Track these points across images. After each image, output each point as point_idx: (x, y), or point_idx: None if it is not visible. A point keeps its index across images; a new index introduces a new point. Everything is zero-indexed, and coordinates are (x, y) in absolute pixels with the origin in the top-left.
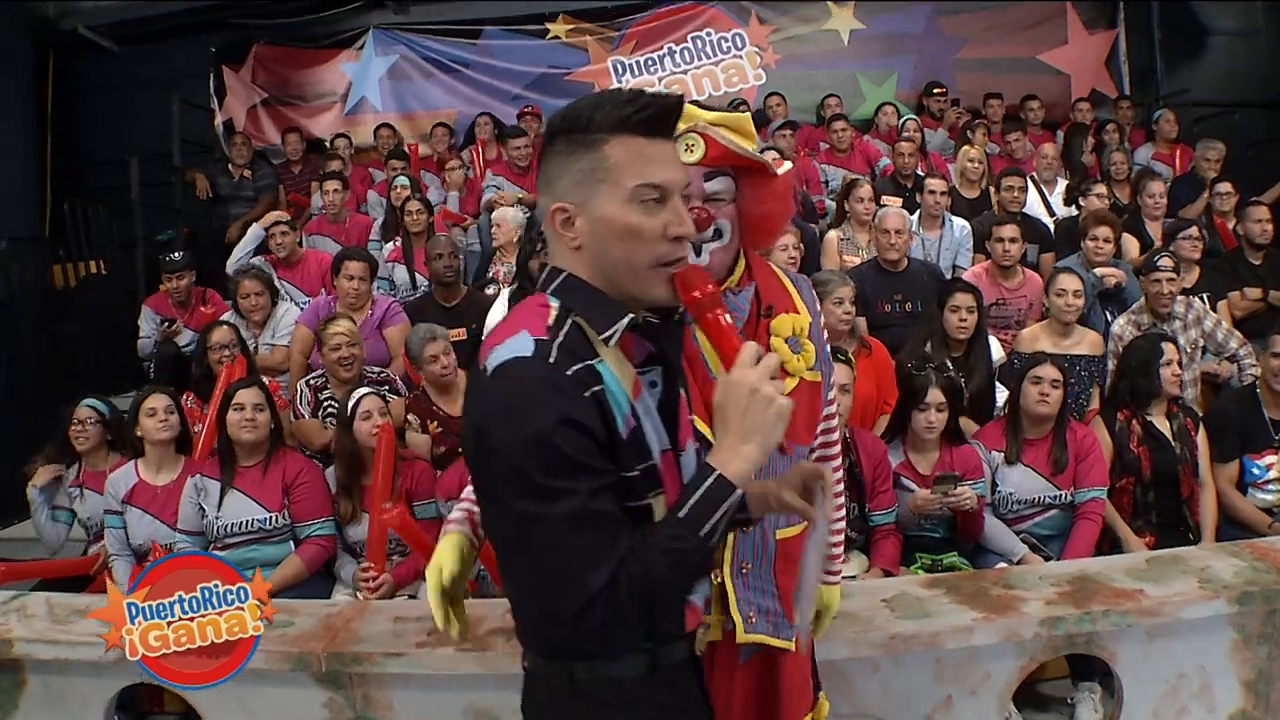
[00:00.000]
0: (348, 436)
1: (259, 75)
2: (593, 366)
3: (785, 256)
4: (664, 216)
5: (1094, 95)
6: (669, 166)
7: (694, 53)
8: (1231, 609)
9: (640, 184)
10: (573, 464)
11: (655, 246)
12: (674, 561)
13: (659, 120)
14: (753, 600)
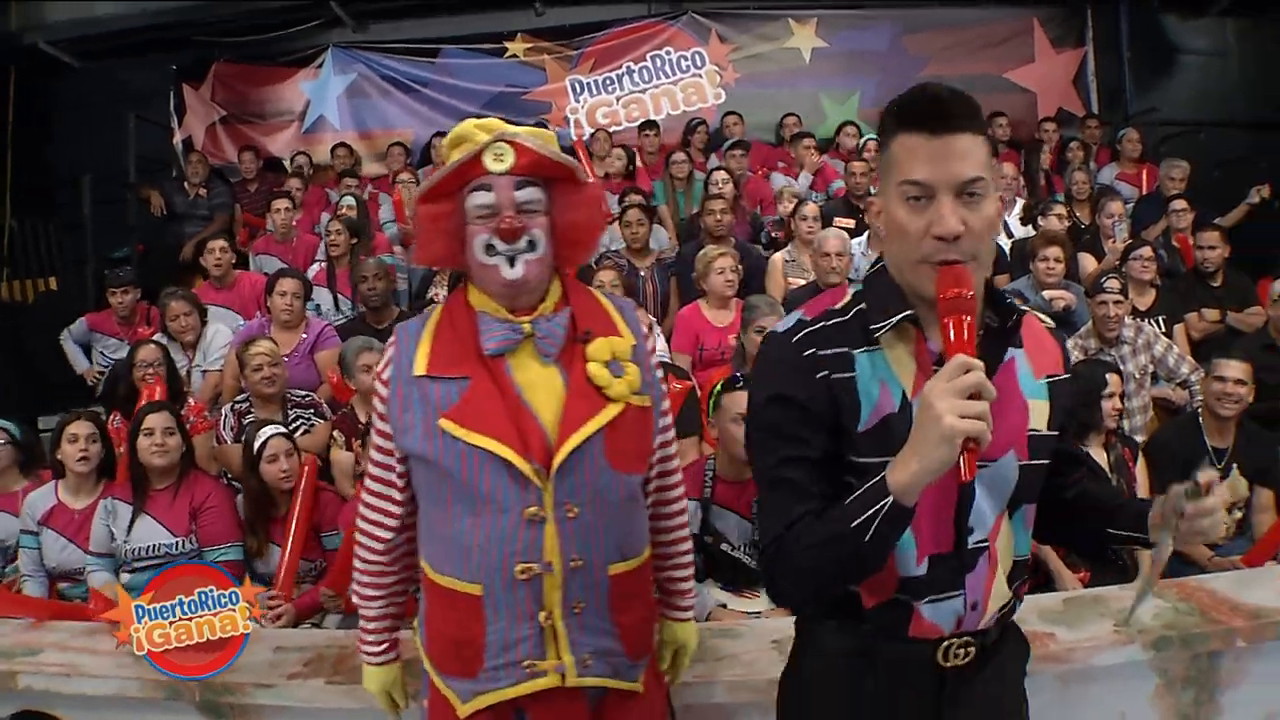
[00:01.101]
0: (254, 477)
1: (218, 93)
2: (848, 354)
3: (723, 280)
4: (928, 215)
5: (1061, 114)
6: (937, 165)
7: (653, 72)
8: (1146, 655)
9: (903, 180)
10: (776, 431)
11: (920, 245)
12: (826, 540)
13: (932, 115)
14: (588, 642)
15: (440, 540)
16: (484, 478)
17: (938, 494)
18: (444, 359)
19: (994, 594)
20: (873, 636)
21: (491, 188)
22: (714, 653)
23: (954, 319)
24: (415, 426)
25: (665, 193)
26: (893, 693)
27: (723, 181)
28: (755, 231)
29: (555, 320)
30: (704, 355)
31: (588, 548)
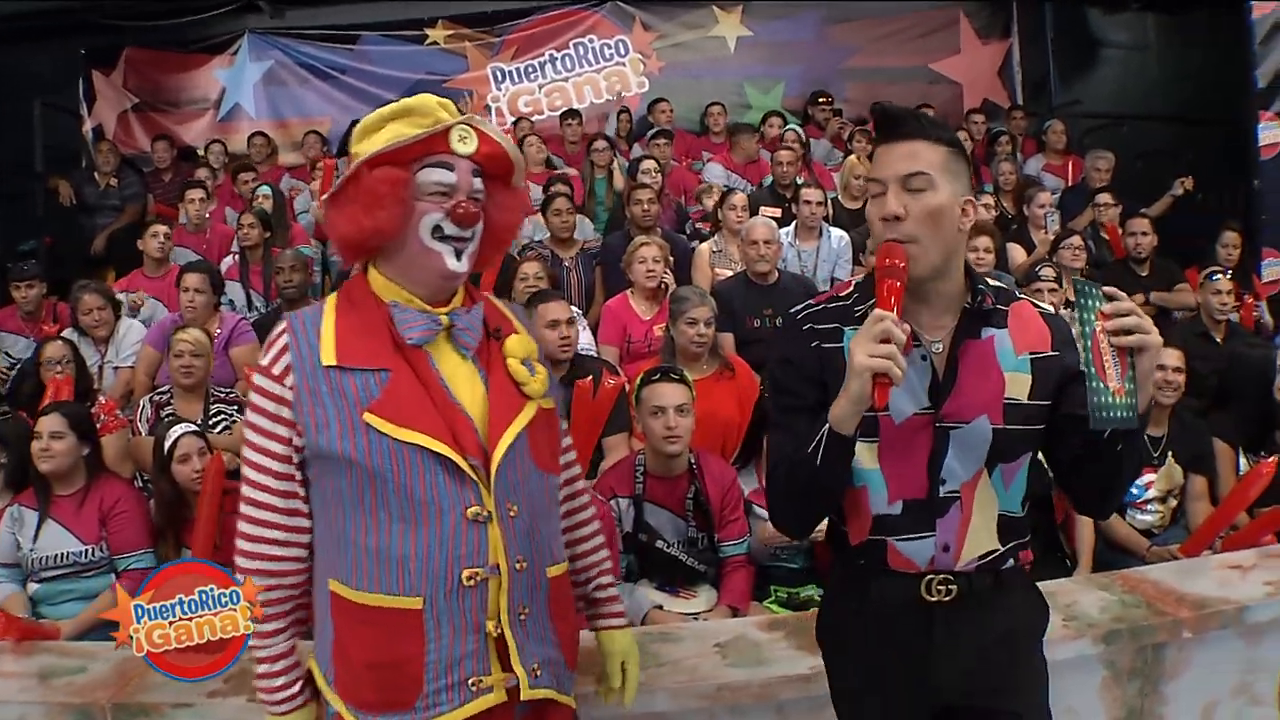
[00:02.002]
0: (165, 478)
1: (130, 80)
2: (838, 329)
3: (644, 270)
4: (880, 204)
5: (987, 105)
6: (887, 164)
7: (576, 60)
8: (1097, 649)
9: (868, 179)
10: (780, 387)
11: (877, 228)
12: (793, 466)
13: (884, 126)
14: (536, 651)
15: (363, 553)
16: (418, 477)
17: (908, 444)
18: (356, 350)
19: (969, 539)
20: (864, 569)
21: (453, 167)
22: (655, 658)
23: (883, 283)
24: (331, 423)
25: (585, 183)
26: (888, 620)
27: (654, 170)
28: (680, 221)
29: (474, 313)
30: (631, 348)
31: (528, 548)
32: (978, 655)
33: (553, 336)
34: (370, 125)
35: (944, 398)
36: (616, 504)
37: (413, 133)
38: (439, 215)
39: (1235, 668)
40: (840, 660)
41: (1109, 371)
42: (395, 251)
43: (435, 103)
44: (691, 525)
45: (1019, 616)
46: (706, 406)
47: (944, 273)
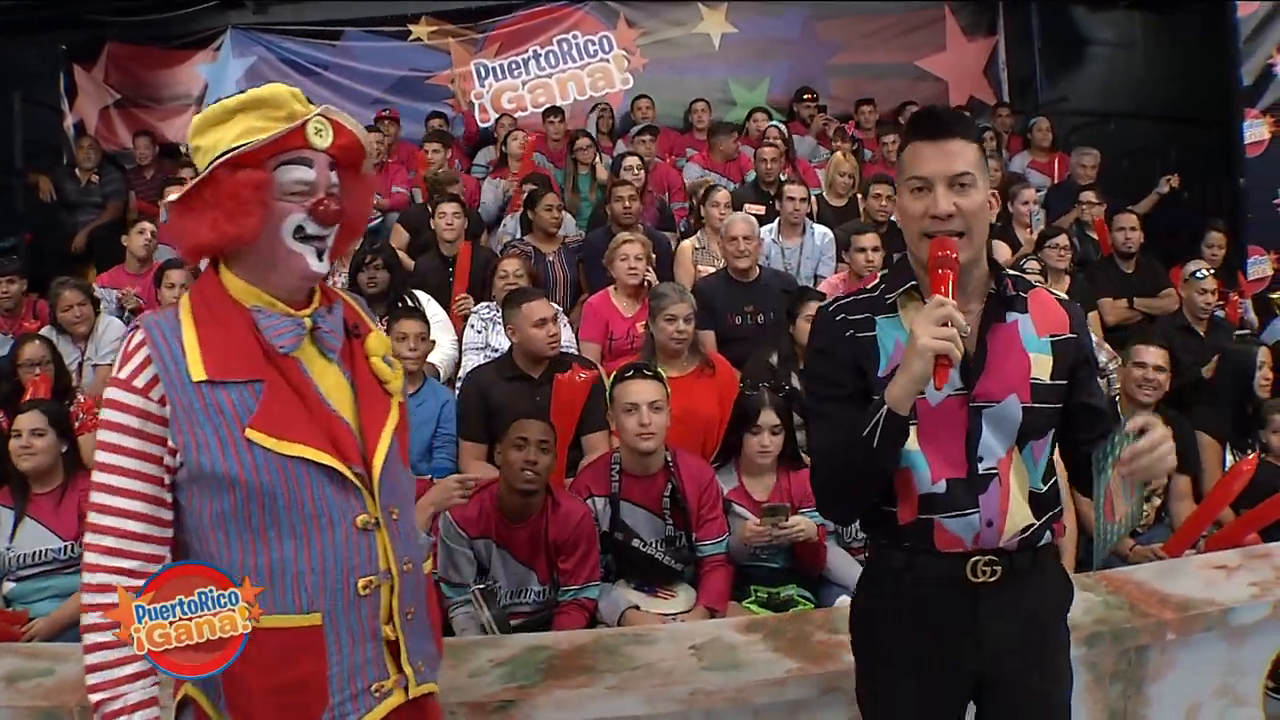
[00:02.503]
0: None
1: (112, 75)
2: (870, 318)
3: (625, 267)
4: (927, 201)
5: (972, 102)
6: (934, 163)
7: (559, 56)
8: (1079, 651)
9: (910, 176)
10: (817, 377)
11: (921, 223)
12: (847, 448)
13: (931, 126)
14: (419, 648)
15: (253, 573)
16: (306, 490)
17: (945, 425)
18: (225, 362)
19: (1010, 515)
20: (911, 550)
21: (312, 164)
22: (628, 661)
23: (939, 273)
24: (210, 442)
25: (566, 179)
26: (925, 605)
27: (636, 168)
28: (662, 218)
29: (335, 311)
30: (613, 345)
31: (412, 549)
32: (1016, 634)
33: (540, 335)
34: (216, 117)
35: (975, 379)
36: (593, 503)
37: (269, 127)
38: (301, 215)
39: (1218, 669)
40: (872, 648)
41: (1118, 504)
42: (253, 253)
43: (288, 93)
44: (669, 524)
45: (1051, 594)
46: (686, 404)
47: (977, 262)
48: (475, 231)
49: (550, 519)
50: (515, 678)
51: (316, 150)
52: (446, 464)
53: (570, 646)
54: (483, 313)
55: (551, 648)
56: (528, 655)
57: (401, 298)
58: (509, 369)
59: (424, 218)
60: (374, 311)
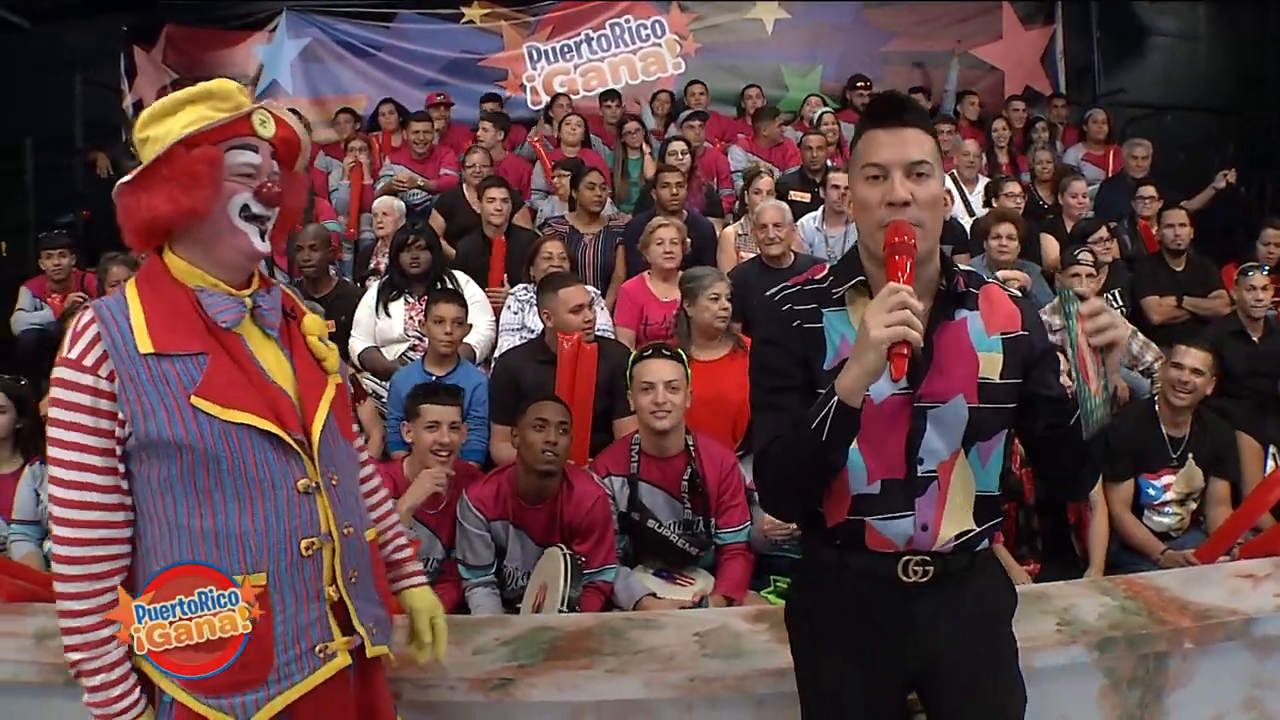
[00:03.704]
0: None
1: (170, 56)
2: (817, 310)
3: (661, 251)
4: (883, 189)
5: (1028, 92)
6: (891, 150)
7: (612, 40)
8: (1090, 656)
9: (865, 164)
10: (766, 367)
11: (876, 212)
12: (793, 443)
13: (887, 113)
14: (369, 611)
15: (200, 536)
16: (249, 455)
17: (887, 424)
18: (170, 335)
19: (946, 519)
20: (841, 548)
21: (258, 149)
22: (632, 645)
23: (895, 258)
24: (157, 410)
25: (615, 163)
26: (866, 600)
27: (681, 153)
28: (710, 204)
29: (273, 296)
30: (649, 329)
31: (351, 514)
32: (955, 634)
33: (577, 320)
34: (166, 108)
35: (921, 378)
36: (611, 482)
37: (220, 115)
38: (247, 195)
39: (1244, 681)
40: (814, 640)
41: (1093, 373)
42: (200, 233)
43: (234, 87)
44: (687, 508)
45: (992, 598)
46: (717, 389)
47: (929, 257)
48: (515, 211)
49: (565, 501)
50: (517, 656)
51: (261, 139)
52: (479, 445)
53: (576, 629)
54: (520, 294)
55: (557, 629)
56: (532, 635)
57: (441, 279)
58: (541, 352)
59: (460, 203)
60: (414, 291)
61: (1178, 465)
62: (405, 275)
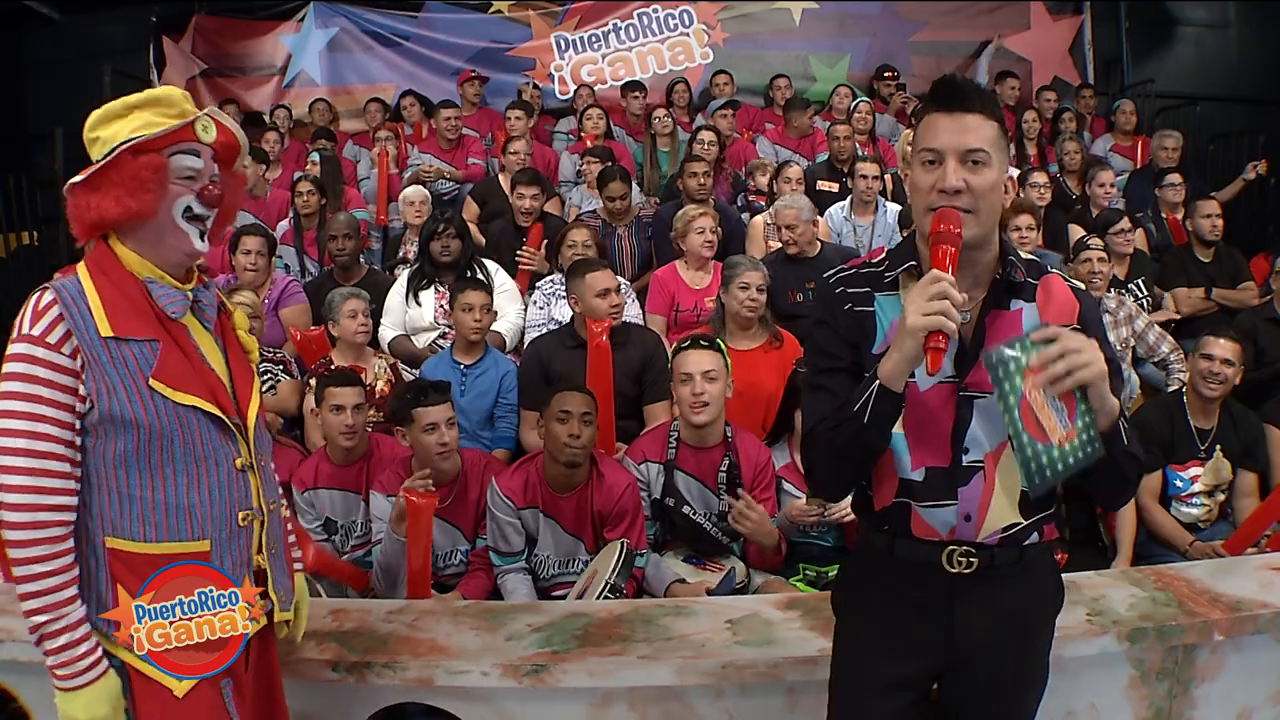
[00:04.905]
0: None
1: (199, 46)
2: (869, 293)
3: (702, 240)
4: (937, 175)
5: (1057, 83)
6: (948, 135)
7: (639, 29)
8: (1121, 646)
9: (922, 148)
10: (817, 349)
11: (928, 197)
12: (837, 424)
13: (948, 97)
14: (281, 580)
15: (151, 506)
16: (197, 434)
17: (932, 411)
18: (127, 321)
19: (991, 511)
20: (890, 533)
21: (200, 154)
22: (664, 632)
23: (939, 248)
24: (117, 388)
25: (644, 153)
26: (910, 586)
27: (709, 143)
28: (737, 193)
29: (210, 292)
30: (679, 317)
31: (273, 493)
32: (991, 632)
33: (603, 305)
34: (115, 112)
35: (969, 366)
36: (646, 468)
37: (164, 122)
38: (190, 197)
39: (1272, 675)
40: (853, 620)
41: (1050, 426)
42: (145, 231)
43: (179, 94)
44: (722, 499)
45: (1037, 595)
46: (751, 378)
47: (985, 245)
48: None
49: (595, 490)
50: (551, 643)
51: (203, 144)
52: (509, 432)
53: (608, 615)
54: (545, 287)
55: (590, 616)
56: (566, 622)
57: (471, 267)
58: (571, 338)
59: (494, 189)
60: (444, 280)
61: (1205, 457)
62: (435, 264)
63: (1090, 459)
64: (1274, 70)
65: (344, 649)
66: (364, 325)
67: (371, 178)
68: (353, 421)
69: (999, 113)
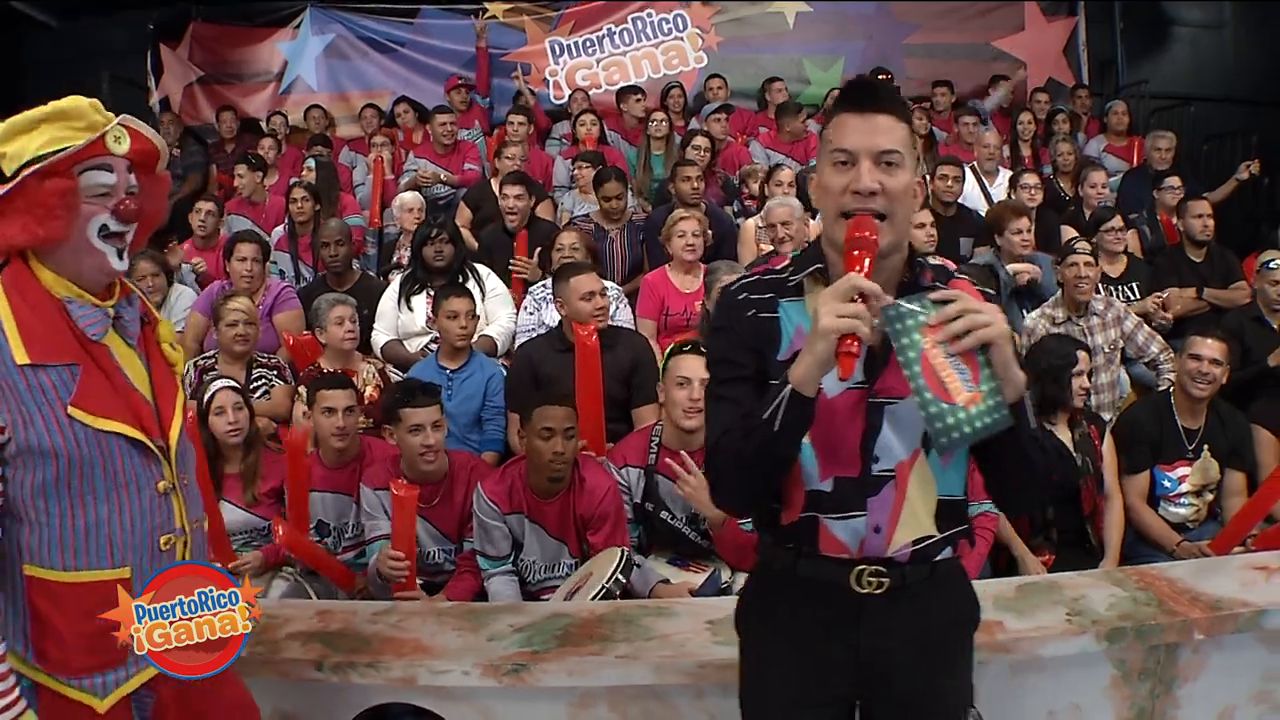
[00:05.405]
0: (203, 431)
1: (196, 53)
2: (774, 300)
3: (683, 244)
4: (849, 176)
5: (1051, 84)
6: (860, 136)
7: (634, 34)
8: (1099, 646)
9: (834, 149)
10: (719, 357)
11: (840, 199)
12: (746, 433)
13: (860, 97)
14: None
15: (71, 534)
16: (118, 460)
17: (841, 419)
18: (43, 346)
19: (902, 522)
20: (795, 551)
21: (113, 169)
22: (644, 632)
23: (854, 254)
24: (35, 419)
25: (638, 156)
26: (816, 605)
27: (704, 148)
28: (729, 197)
29: (133, 306)
30: (669, 321)
31: (196, 510)
32: (906, 654)
33: (587, 308)
34: (21, 126)
35: (879, 373)
36: (626, 473)
37: (73, 137)
38: (105, 215)
39: (1255, 674)
40: (760, 647)
41: (954, 386)
42: (60, 253)
43: (88, 104)
44: None
45: (949, 612)
46: None
47: (896, 250)
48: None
49: (578, 495)
50: (531, 643)
51: (116, 156)
52: (497, 434)
53: (590, 616)
54: (537, 292)
55: (571, 616)
56: (547, 623)
57: (464, 271)
58: (559, 342)
59: (487, 194)
60: (436, 285)
61: (1193, 457)
62: (428, 268)
63: (997, 426)
64: (1269, 71)
65: (328, 649)
66: (351, 332)
67: (367, 183)
68: (344, 424)
69: (909, 115)
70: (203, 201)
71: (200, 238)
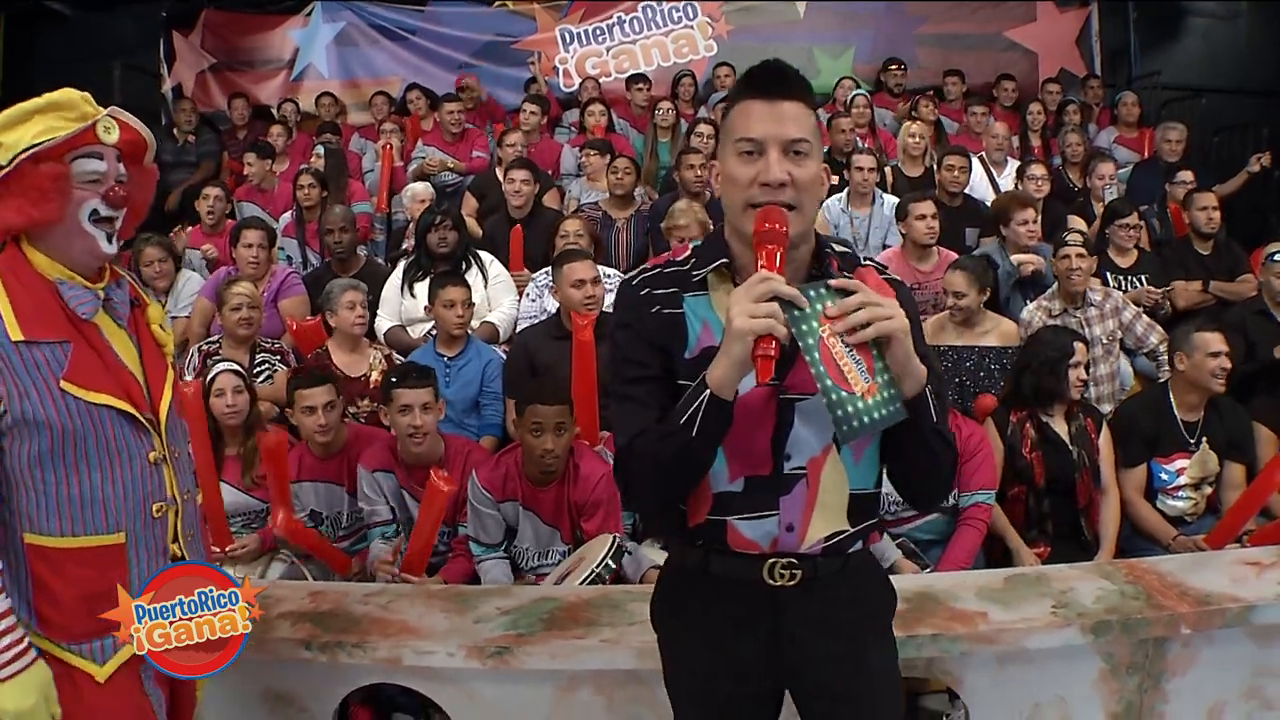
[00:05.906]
0: (206, 412)
1: (208, 41)
2: (677, 294)
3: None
4: (757, 166)
5: (1063, 75)
6: (768, 124)
7: (644, 22)
8: (1085, 639)
9: (739, 138)
10: (623, 356)
11: (747, 191)
12: (661, 438)
13: (767, 84)
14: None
15: (67, 502)
16: (110, 431)
17: (751, 418)
18: (37, 324)
19: (815, 519)
20: (705, 549)
21: (103, 157)
22: (628, 617)
23: (765, 248)
24: (30, 392)
25: (645, 145)
26: (728, 602)
27: (707, 136)
28: None
29: (122, 289)
30: None
31: (187, 483)
32: (825, 641)
33: (578, 295)
34: (16, 117)
35: (788, 369)
36: None
37: (65, 126)
38: (95, 200)
39: (1245, 669)
40: (677, 647)
41: (852, 376)
42: (52, 236)
43: (79, 97)
44: None
45: (864, 603)
46: None
47: (804, 240)
48: (544, 192)
49: (572, 482)
50: (517, 626)
51: (106, 145)
52: (495, 420)
53: (577, 600)
54: (540, 280)
55: (558, 600)
56: (533, 606)
57: (467, 258)
58: (556, 329)
59: (492, 182)
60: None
61: (1192, 449)
62: (432, 255)
63: (893, 418)
64: None
65: (317, 629)
66: (361, 316)
67: (376, 170)
68: (325, 421)
69: (815, 102)
70: (210, 188)
71: (208, 224)
